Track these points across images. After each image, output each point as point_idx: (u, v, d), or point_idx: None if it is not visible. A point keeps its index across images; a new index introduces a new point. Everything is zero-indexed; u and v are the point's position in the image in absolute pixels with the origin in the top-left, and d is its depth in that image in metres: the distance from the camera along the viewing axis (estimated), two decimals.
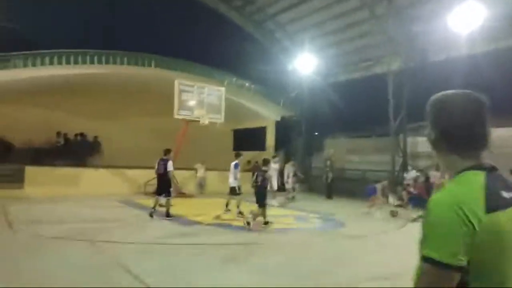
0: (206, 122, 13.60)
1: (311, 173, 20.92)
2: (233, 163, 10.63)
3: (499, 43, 13.59)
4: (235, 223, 9.44)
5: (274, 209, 11.96)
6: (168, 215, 9.57)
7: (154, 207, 9.61)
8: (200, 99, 13.85)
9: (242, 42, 20.32)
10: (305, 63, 19.22)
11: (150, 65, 15.81)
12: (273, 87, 20.11)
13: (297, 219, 10.81)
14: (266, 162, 9.95)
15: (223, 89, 14.73)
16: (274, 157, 12.81)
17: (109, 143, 19.39)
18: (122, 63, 15.27)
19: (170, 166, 9.63)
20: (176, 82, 13.44)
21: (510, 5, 12.69)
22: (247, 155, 21.65)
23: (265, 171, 9.47)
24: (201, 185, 17.37)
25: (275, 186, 12.30)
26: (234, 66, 18.71)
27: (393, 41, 15.70)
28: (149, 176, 16.04)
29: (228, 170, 10.59)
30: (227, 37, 21.02)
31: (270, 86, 19.77)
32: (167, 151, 10.02)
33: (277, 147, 20.92)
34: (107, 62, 15.01)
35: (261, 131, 21.35)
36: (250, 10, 20.09)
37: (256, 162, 21.07)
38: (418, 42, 15.79)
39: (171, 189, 9.85)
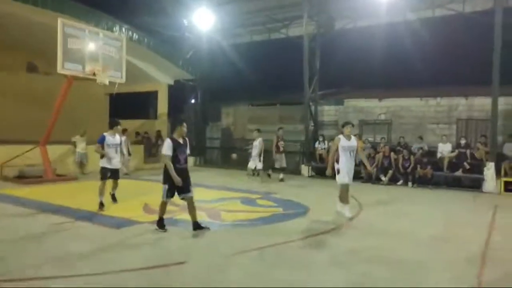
0: (106, 81, 10.15)
1: (206, 144, 19.04)
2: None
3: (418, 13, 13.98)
4: (181, 215, 7.05)
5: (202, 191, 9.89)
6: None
7: None
8: (94, 49, 10.19)
9: None
10: (204, 20, 16.73)
11: None
12: (166, 44, 16.98)
13: (244, 202, 8.96)
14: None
15: (123, 37, 11.28)
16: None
17: None
18: None
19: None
20: (59, 22, 9.43)
21: None
22: (132, 124, 18.16)
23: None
24: (82, 164, 13.69)
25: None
26: (117, 14, 14.75)
27: (306, 3, 14.72)
28: (7, 153, 11.66)
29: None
30: None
31: (162, 43, 16.58)
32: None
33: (169, 115, 18.13)
34: None
35: (150, 96, 18.17)
36: None
37: (145, 133, 17.94)
38: (332, 6, 15.25)
39: None
